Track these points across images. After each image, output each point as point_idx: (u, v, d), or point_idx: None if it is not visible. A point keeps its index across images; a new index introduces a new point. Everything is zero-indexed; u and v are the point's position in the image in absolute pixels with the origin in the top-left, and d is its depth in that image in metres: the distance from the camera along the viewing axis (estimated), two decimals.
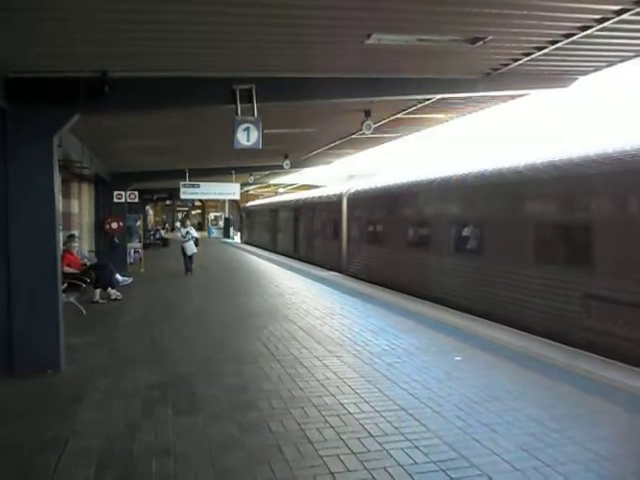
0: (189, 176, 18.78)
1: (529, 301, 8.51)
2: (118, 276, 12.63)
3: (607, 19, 5.69)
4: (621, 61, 7.26)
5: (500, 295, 9.23)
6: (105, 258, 14.46)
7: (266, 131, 7.83)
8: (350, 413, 4.84)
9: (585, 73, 7.87)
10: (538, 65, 7.35)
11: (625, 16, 5.54)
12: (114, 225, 16.83)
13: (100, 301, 11.21)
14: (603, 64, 7.46)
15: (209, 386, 5.60)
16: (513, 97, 9.78)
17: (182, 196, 19.00)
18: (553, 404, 5.04)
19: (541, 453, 4.07)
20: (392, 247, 13.61)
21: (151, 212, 27.04)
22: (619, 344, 6.63)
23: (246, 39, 5.79)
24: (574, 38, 6.25)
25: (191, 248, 16.07)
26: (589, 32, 6.03)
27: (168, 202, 41.98)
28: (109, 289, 11.52)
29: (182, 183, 18.84)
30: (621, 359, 6.24)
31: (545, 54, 6.85)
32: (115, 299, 11.44)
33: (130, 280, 13.77)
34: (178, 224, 43.80)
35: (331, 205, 18.42)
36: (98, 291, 11.32)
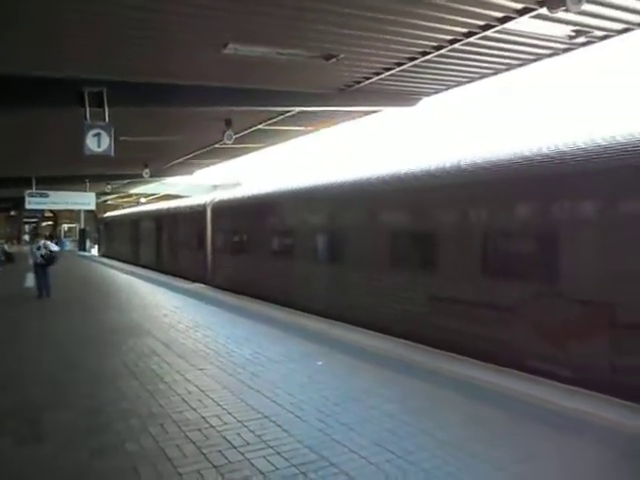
0: (36, 184, 17.24)
1: (387, 305, 8.85)
2: None
3: (442, 47, 6.27)
4: (457, 85, 8.02)
5: (360, 300, 9.56)
6: None
7: (122, 138, 7.48)
8: (212, 426, 4.73)
9: (427, 94, 8.59)
10: (387, 84, 7.88)
11: (457, 45, 6.14)
12: None
13: None
14: (442, 87, 8.20)
15: (58, 411, 5.17)
16: (367, 113, 10.39)
17: (27, 206, 17.41)
18: (405, 399, 5.30)
19: (394, 446, 4.30)
20: (256, 256, 13.59)
21: None
22: (461, 339, 7.07)
23: (95, 38, 5.49)
24: (416, 62, 6.80)
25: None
26: (428, 57, 6.60)
27: (12, 212, 38.23)
28: None
29: (28, 192, 17.25)
30: (465, 353, 6.71)
31: (392, 74, 7.38)
32: None
33: None
34: (27, 237, 39.94)
35: (195, 215, 18.11)
36: None
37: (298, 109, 9.47)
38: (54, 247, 13.81)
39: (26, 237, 40.80)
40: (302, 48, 6.19)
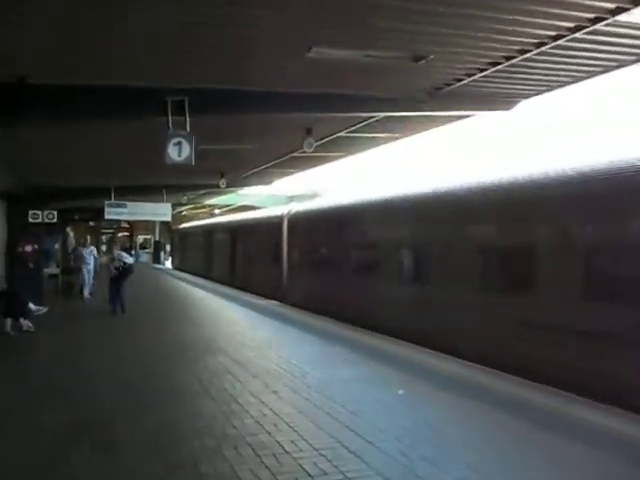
0: (115, 195, 18.31)
1: (479, 329, 8.61)
2: (31, 305, 12.05)
3: (544, 44, 6.05)
4: (560, 86, 7.71)
5: (445, 323, 9.30)
6: (17, 284, 13.77)
7: (201, 147, 7.78)
8: (287, 452, 4.78)
9: (526, 96, 8.33)
10: (480, 86, 7.70)
11: (561, 42, 5.92)
12: (28, 248, 16.11)
13: (11, 332, 10.66)
14: (543, 88, 7.91)
15: (135, 423, 5.45)
16: (458, 118, 10.19)
17: (107, 216, 18.49)
18: (491, 435, 5.18)
19: None
20: (336, 272, 13.58)
21: (71, 234, 26.04)
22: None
23: (179, 46, 5.77)
24: (513, 61, 6.62)
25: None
26: (527, 55, 6.40)
27: (92, 223, 40.74)
28: (21, 319, 10.97)
29: (107, 202, 18.34)
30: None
31: (486, 75, 7.21)
32: (27, 330, 10.90)
33: (45, 310, 13.16)
34: (104, 247, 42.34)
35: (270, 227, 18.42)
36: (9, 321, 10.77)
37: (383, 115, 9.35)
38: (129, 259, 13.64)
39: (103, 248, 43.32)
40: (391, 49, 6.20)
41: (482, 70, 7.11)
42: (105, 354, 9.05)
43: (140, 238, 49.92)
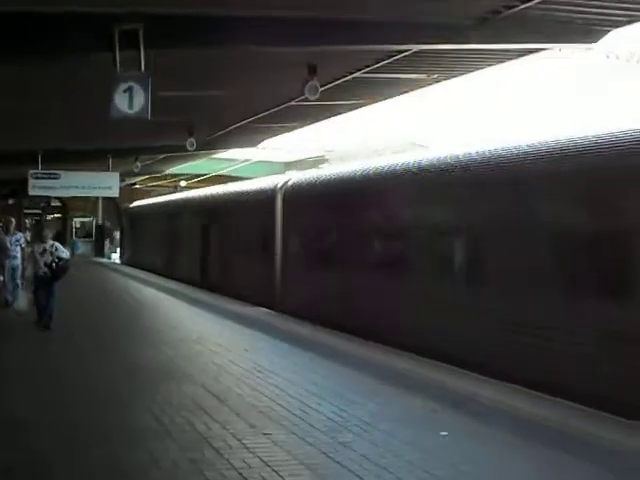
0: (42, 162, 18.20)
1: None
2: None
3: None
4: None
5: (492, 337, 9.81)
6: None
7: (160, 93, 7.77)
8: None
9: (617, 25, 8.24)
10: (552, 9, 7.63)
11: None
12: None
13: None
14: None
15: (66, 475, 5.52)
16: (520, 54, 10.16)
17: (31, 191, 18.41)
18: None
19: None
20: (353, 270, 13.71)
21: None
22: None
23: None
24: None
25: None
26: None
27: (10, 201, 40.89)
28: None
29: (31, 172, 18.25)
30: None
31: None
32: None
33: None
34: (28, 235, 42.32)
35: (258, 205, 18.59)
36: None
37: (416, 48, 9.44)
38: (64, 252, 13.61)
39: (27, 235, 43.27)
40: None
41: None
42: (30, 387, 8.95)
43: (76, 222, 49.83)
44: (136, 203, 38.48)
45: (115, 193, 20.68)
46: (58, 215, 52.65)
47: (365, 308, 13.17)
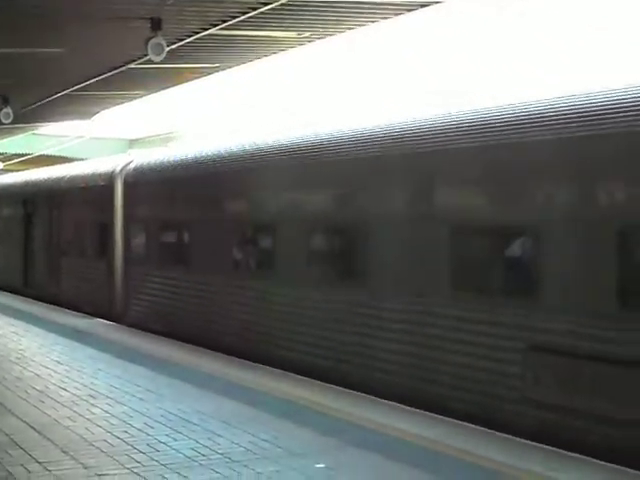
0: None
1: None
2: None
3: None
4: None
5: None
6: None
7: None
8: None
9: None
10: None
11: None
12: None
13: None
14: None
15: None
16: (410, 7, 10.11)
17: None
18: None
19: None
20: (212, 271, 13.56)
21: None
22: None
23: None
24: None
25: None
26: None
27: None
28: None
29: None
30: None
31: None
32: None
33: None
34: None
35: (92, 193, 18.13)
36: None
37: None
38: None
39: None
40: None
41: None
42: None
43: None
44: None
45: None
46: None
47: (217, 318, 13.29)
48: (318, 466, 6.64)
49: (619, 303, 6.97)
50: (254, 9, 9.81)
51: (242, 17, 10.18)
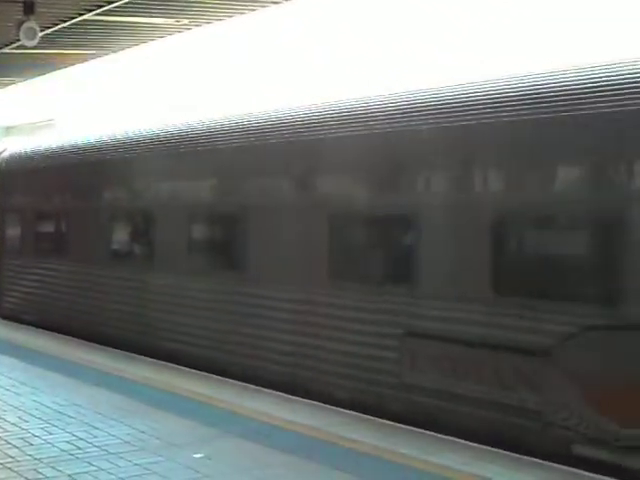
0: None
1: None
2: None
3: None
4: None
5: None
6: None
7: None
8: None
9: None
10: None
11: None
12: None
13: None
14: None
15: None
16: None
17: None
18: None
19: None
20: (85, 261, 13.50)
21: None
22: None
23: None
24: None
25: None
26: None
27: None
28: None
29: None
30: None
31: None
32: None
33: None
34: None
35: None
36: None
37: None
38: None
39: None
40: None
41: None
42: None
43: None
44: None
45: None
46: None
47: (88, 305, 13.24)
48: (196, 456, 6.59)
49: (491, 289, 7.16)
50: None
51: (118, 2, 10.07)
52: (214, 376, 9.85)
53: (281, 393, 8.92)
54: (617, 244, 6.38)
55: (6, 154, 16.30)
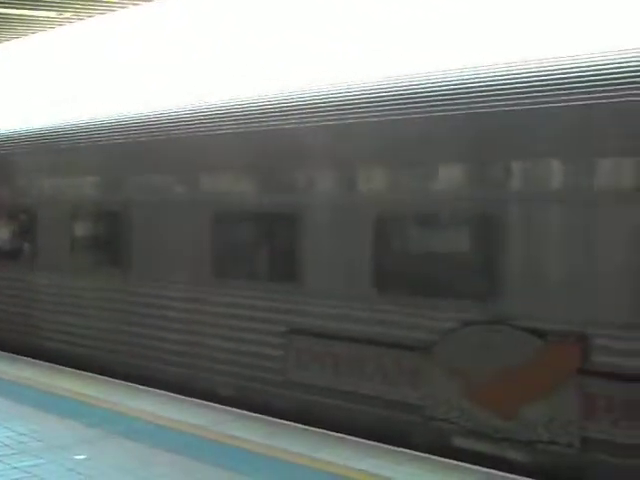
0: None
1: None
2: None
3: None
4: None
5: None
6: None
7: None
8: None
9: None
10: None
11: None
12: None
13: None
14: None
15: None
16: None
17: None
18: None
19: None
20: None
21: None
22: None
23: None
24: None
25: None
26: None
27: None
28: None
29: None
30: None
31: None
32: None
33: None
34: None
35: None
36: None
37: None
38: None
39: None
40: None
41: None
42: None
43: None
44: None
45: None
46: None
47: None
48: (78, 457, 6.54)
49: (373, 286, 7.26)
50: None
51: None
52: (99, 376, 9.68)
53: (168, 392, 8.83)
54: (491, 243, 6.51)
55: None
